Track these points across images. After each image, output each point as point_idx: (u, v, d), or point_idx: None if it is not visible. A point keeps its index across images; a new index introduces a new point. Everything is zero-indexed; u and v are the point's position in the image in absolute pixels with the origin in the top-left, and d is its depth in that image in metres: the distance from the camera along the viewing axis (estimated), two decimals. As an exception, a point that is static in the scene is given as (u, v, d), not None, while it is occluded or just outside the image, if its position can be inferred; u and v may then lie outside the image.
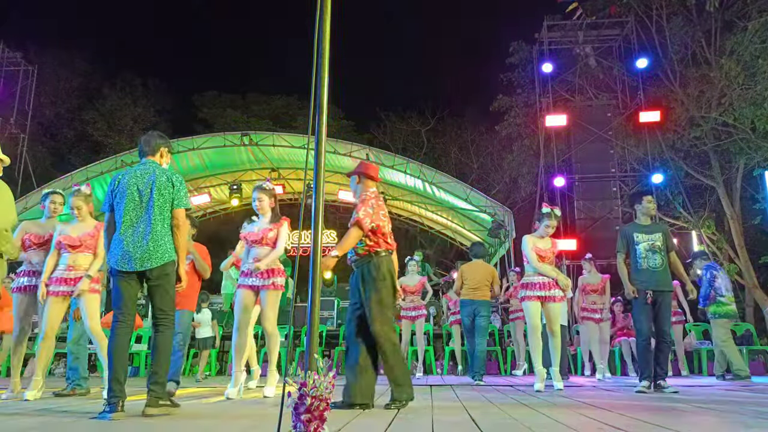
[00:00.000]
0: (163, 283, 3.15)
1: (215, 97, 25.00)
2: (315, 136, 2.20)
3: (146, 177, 3.22)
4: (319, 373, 1.92)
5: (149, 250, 3.10)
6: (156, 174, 3.23)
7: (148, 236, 3.12)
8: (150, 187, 3.20)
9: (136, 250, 3.10)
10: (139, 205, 3.19)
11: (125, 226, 3.15)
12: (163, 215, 3.20)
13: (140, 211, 3.18)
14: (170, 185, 3.24)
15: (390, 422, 2.70)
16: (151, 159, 3.35)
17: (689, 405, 3.49)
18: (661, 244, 5.01)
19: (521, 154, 16.82)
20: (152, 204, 3.17)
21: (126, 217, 3.16)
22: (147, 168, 3.27)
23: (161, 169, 3.30)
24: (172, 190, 3.23)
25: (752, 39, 11.95)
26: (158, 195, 3.19)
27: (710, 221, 14.27)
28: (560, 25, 14.31)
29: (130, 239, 3.12)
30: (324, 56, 2.24)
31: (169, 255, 3.16)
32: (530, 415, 3.01)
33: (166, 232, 3.19)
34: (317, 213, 2.15)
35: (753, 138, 12.58)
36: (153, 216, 3.16)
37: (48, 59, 19.38)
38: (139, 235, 3.13)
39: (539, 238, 5.22)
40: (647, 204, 5.15)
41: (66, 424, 2.72)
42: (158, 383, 3.03)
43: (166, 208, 3.22)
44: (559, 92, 14.31)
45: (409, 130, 23.09)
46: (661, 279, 4.93)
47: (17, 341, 4.50)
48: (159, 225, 3.17)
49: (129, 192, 3.19)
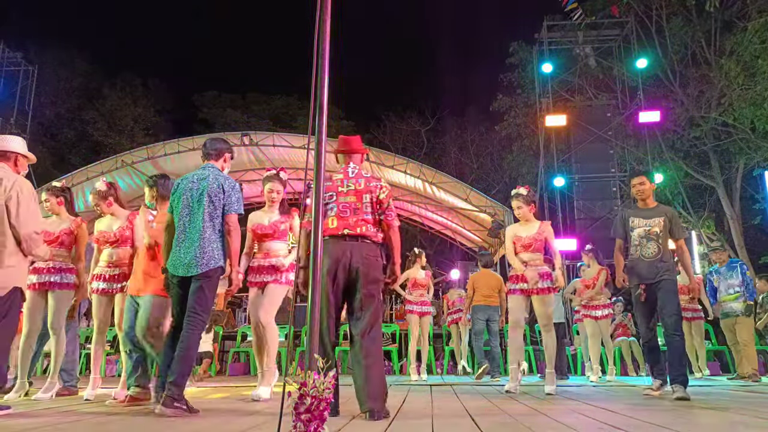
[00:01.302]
0: (203, 285, 3.19)
1: (215, 97, 25.02)
2: (315, 136, 2.20)
3: (200, 183, 3.30)
4: (319, 373, 1.92)
5: (197, 256, 3.17)
6: (209, 180, 3.31)
7: (197, 242, 3.20)
8: (201, 193, 3.28)
9: (186, 255, 3.19)
10: (192, 211, 3.27)
11: (179, 231, 3.26)
12: (213, 221, 3.27)
13: (192, 217, 3.26)
14: (221, 191, 3.30)
15: (390, 422, 2.70)
16: (212, 163, 3.43)
17: (689, 405, 3.49)
18: (660, 230, 4.36)
19: (521, 154, 16.84)
20: (203, 210, 3.25)
21: (180, 222, 3.27)
22: (203, 173, 3.36)
23: (216, 174, 3.37)
24: (222, 196, 3.30)
25: (752, 39, 11.96)
26: (209, 201, 3.27)
27: (710, 221, 14.28)
28: (560, 25, 14.32)
29: (182, 244, 3.22)
30: (324, 56, 2.24)
31: (215, 261, 3.22)
32: (530, 414, 3.01)
33: (215, 238, 3.25)
34: (317, 213, 2.16)
35: (753, 138, 12.59)
36: (203, 222, 3.23)
37: (48, 59, 19.40)
38: (190, 240, 3.22)
39: (520, 226, 4.85)
40: (635, 187, 4.57)
41: (67, 423, 2.72)
42: (176, 384, 2.99)
43: (217, 214, 3.29)
44: (559, 92, 14.33)
45: (409, 130, 23.11)
46: (654, 270, 4.29)
47: (26, 341, 4.31)
48: (209, 231, 3.23)
49: (184, 197, 3.29)
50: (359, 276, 3.05)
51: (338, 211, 3.16)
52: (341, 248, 3.09)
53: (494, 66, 17.52)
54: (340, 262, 3.06)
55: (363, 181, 3.25)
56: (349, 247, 3.09)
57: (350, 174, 3.28)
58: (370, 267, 3.10)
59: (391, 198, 3.28)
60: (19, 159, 3.44)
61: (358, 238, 3.13)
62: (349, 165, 3.35)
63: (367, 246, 3.14)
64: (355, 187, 3.22)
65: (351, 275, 3.08)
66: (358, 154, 3.42)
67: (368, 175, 3.31)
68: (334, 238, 3.13)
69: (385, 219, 3.23)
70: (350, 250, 3.09)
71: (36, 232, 3.26)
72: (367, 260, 3.09)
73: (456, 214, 14.98)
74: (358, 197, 3.20)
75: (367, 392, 2.83)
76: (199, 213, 3.25)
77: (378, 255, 3.19)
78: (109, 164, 12.80)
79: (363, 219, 3.16)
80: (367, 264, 3.08)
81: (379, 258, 3.19)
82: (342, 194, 3.21)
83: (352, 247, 3.10)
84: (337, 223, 3.14)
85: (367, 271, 3.07)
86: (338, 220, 3.15)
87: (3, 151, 3.36)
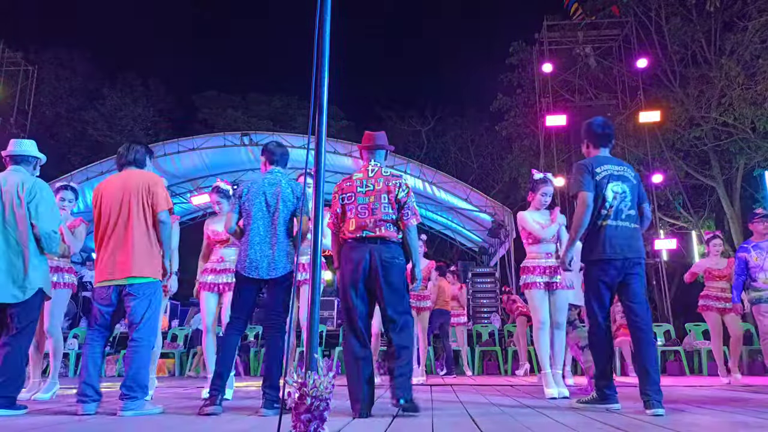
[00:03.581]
0: (280, 289, 3.28)
1: (215, 97, 24.97)
2: (315, 136, 2.20)
3: (274, 187, 3.36)
4: (319, 373, 1.92)
5: (275, 260, 3.25)
6: (282, 185, 3.38)
7: (274, 246, 3.27)
8: (277, 198, 3.34)
9: (263, 258, 3.25)
10: (267, 215, 3.33)
11: (253, 233, 3.31)
12: (286, 225, 3.36)
13: (267, 221, 3.32)
14: (292, 196, 3.38)
15: (390, 422, 2.70)
16: (278, 168, 3.50)
17: (689, 405, 3.49)
18: None
19: (521, 154, 16.82)
20: (279, 215, 3.32)
21: (254, 225, 3.32)
22: (274, 178, 3.42)
23: (287, 179, 3.44)
24: (295, 202, 3.38)
25: (752, 39, 11.96)
26: (283, 206, 3.33)
27: (710, 221, 14.28)
28: (560, 25, 14.31)
29: (257, 247, 3.27)
30: (324, 56, 2.24)
31: (291, 265, 3.31)
32: (530, 415, 3.01)
33: (288, 242, 3.34)
34: (317, 213, 2.16)
35: (753, 138, 12.59)
36: (278, 226, 3.30)
37: (48, 59, 19.38)
38: (266, 244, 3.28)
39: (537, 211, 4.44)
40: None
41: (66, 423, 2.72)
42: (273, 386, 3.10)
43: (290, 218, 3.38)
44: (559, 92, 14.31)
45: (409, 130, 23.09)
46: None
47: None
48: (282, 235, 3.31)
49: (258, 201, 3.34)
50: (380, 279, 3.00)
51: (356, 212, 3.11)
52: (361, 251, 3.03)
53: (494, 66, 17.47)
54: (360, 266, 3.01)
55: (382, 180, 3.17)
56: (368, 250, 3.03)
57: (370, 173, 3.21)
58: (391, 270, 3.03)
59: (411, 197, 3.19)
60: (37, 163, 3.61)
61: (378, 239, 3.05)
62: (370, 163, 3.28)
63: (387, 247, 3.06)
64: (374, 187, 3.14)
65: (372, 279, 3.03)
66: (381, 151, 3.33)
67: (388, 174, 3.21)
68: (353, 241, 3.08)
69: (401, 218, 3.14)
70: (370, 252, 3.03)
71: (54, 231, 3.37)
72: (387, 263, 3.02)
73: (456, 214, 14.99)
74: (376, 197, 3.12)
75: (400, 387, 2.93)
76: (275, 217, 3.32)
77: (399, 256, 3.10)
78: (109, 164, 12.77)
79: (382, 219, 3.07)
80: (388, 267, 3.02)
81: (400, 259, 3.11)
82: (360, 195, 3.14)
83: (372, 250, 3.03)
84: (355, 225, 3.09)
85: (386, 274, 3.01)
86: (356, 222, 3.09)
87: (24, 155, 3.52)
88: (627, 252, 3.19)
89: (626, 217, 3.27)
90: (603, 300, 3.26)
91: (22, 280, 3.22)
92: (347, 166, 13.75)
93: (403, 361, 2.98)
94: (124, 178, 3.40)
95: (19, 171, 3.45)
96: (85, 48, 22.38)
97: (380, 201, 3.11)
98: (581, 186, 3.27)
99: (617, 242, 3.21)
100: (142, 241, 3.28)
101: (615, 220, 3.25)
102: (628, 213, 3.29)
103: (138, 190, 3.33)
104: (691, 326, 8.83)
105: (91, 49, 23.28)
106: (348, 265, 3.06)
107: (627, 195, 3.30)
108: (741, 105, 12.21)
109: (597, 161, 3.38)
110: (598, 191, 3.27)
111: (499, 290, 12.41)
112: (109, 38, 28.08)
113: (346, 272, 3.06)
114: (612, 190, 3.28)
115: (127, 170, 3.46)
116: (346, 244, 3.13)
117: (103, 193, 3.39)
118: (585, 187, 3.26)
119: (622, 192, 3.30)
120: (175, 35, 32.14)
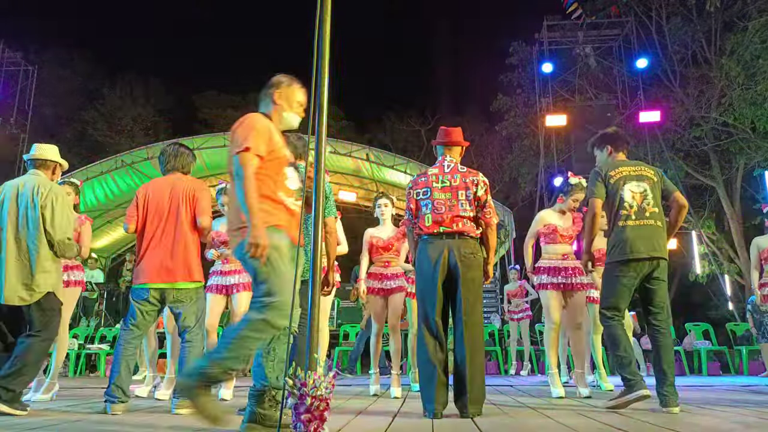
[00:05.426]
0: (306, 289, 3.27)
1: (215, 97, 24.97)
2: (315, 136, 2.20)
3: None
4: (319, 373, 1.92)
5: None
6: None
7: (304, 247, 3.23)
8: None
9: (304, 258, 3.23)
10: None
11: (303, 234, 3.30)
12: None
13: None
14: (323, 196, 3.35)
15: (390, 422, 2.70)
16: (301, 163, 3.45)
17: (689, 405, 3.49)
18: None
19: (521, 154, 16.81)
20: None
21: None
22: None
23: None
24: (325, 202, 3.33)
25: (752, 39, 11.95)
26: None
27: (710, 221, 14.27)
28: (560, 25, 14.31)
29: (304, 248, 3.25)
30: (324, 56, 2.24)
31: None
32: (530, 415, 3.01)
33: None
34: (317, 213, 2.15)
35: (753, 138, 12.58)
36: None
37: (48, 59, 19.37)
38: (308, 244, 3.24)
39: (560, 214, 4.39)
40: None
41: (67, 423, 2.72)
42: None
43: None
44: (559, 92, 14.31)
45: (409, 130, 23.09)
46: None
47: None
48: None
49: None
50: (458, 275, 2.96)
51: (433, 208, 3.09)
52: (438, 247, 3.01)
53: (494, 66, 17.47)
54: (438, 262, 2.98)
55: (459, 176, 3.14)
56: (446, 245, 3.01)
57: (446, 169, 3.19)
58: (470, 266, 3.00)
59: (489, 194, 3.19)
60: (57, 168, 3.64)
61: (455, 234, 3.03)
62: (446, 159, 3.25)
63: (465, 242, 3.03)
64: (450, 183, 3.13)
65: (449, 275, 3.00)
66: (458, 147, 3.32)
67: (464, 170, 3.18)
68: (431, 237, 3.06)
69: (483, 216, 3.12)
70: (447, 248, 3.00)
71: (68, 238, 3.39)
72: (465, 258, 2.99)
73: (456, 214, 14.96)
74: (453, 193, 3.10)
75: (469, 395, 2.87)
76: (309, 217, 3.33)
77: (477, 251, 3.07)
78: (109, 164, 12.78)
79: (458, 215, 3.05)
80: (467, 263, 2.99)
81: (478, 254, 3.08)
82: (436, 190, 3.12)
83: (450, 245, 3.01)
84: (431, 221, 3.07)
85: (465, 270, 2.98)
86: (433, 218, 3.07)
87: (43, 159, 3.55)
88: (651, 251, 3.27)
89: (650, 215, 3.36)
90: (624, 298, 3.34)
91: (30, 283, 3.23)
92: (347, 166, 13.76)
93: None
94: (171, 183, 3.44)
95: (38, 175, 3.49)
96: (85, 48, 22.45)
97: (457, 198, 3.09)
98: (591, 193, 3.44)
99: (641, 242, 3.28)
100: (189, 246, 3.33)
101: (637, 219, 3.34)
102: (652, 211, 3.37)
103: (186, 195, 3.38)
104: (691, 326, 8.82)
105: (91, 49, 23.35)
106: (425, 263, 3.03)
107: (648, 193, 3.39)
108: (741, 105, 12.21)
109: (610, 166, 3.51)
110: (613, 194, 3.38)
111: (499, 290, 12.40)
112: (109, 38, 28.11)
113: (425, 270, 3.03)
114: (630, 191, 3.37)
115: (174, 174, 3.51)
116: (422, 241, 3.11)
117: (151, 195, 3.41)
118: (594, 194, 3.41)
119: (643, 191, 3.40)
120: (175, 35, 32.17)
